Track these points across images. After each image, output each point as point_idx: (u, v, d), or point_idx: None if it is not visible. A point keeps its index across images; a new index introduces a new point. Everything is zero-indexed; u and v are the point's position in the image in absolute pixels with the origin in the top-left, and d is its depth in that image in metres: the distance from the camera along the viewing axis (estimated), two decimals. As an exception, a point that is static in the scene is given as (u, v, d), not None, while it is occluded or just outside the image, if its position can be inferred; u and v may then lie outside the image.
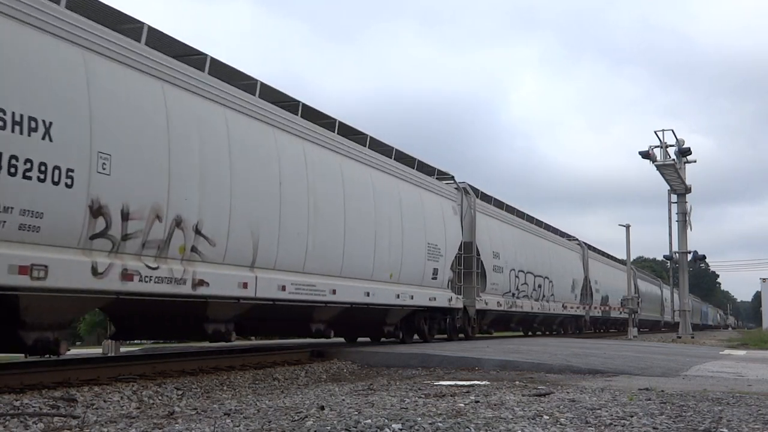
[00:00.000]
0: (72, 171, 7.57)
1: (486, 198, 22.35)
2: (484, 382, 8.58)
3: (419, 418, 5.17)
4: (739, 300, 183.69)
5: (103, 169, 7.94)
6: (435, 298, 16.70)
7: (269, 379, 9.75)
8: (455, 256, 18.24)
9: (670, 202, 33.31)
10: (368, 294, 13.57)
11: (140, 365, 9.49)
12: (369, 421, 5.01)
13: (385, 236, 14.25)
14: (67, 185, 7.52)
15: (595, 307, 34.48)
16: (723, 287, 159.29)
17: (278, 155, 11.19)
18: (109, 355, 16.28)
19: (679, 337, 30.85)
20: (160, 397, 7.56)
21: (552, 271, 27.34)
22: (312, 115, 12.78)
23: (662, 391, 7.59)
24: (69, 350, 9.98)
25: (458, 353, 12.24)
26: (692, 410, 5.97)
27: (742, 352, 18.43)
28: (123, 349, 18.83)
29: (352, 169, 13.48)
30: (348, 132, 14.02)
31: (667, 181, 32.47)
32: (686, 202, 33.08)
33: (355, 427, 4.80)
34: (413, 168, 16.61)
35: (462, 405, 6.12)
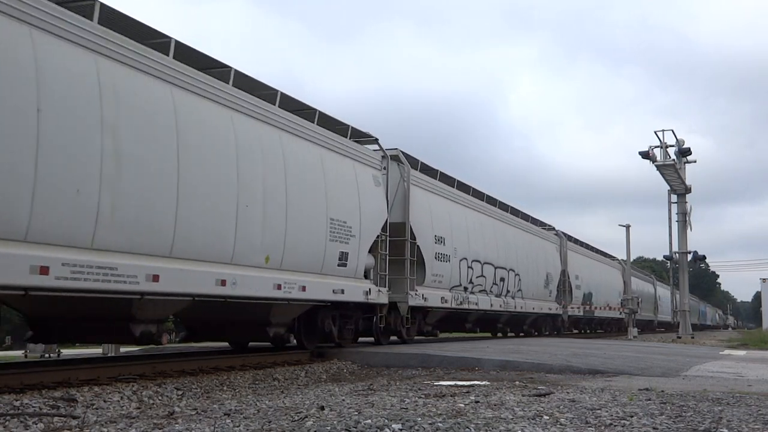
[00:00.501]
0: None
1: (428, 171, 17.65)
2: (484, 382, 8.58)
3: (419, 419, 5.18)
4: (739, 300, 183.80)
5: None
6: (343, 291, 12.79)
7: (269, 379, 9.75)
8: (377, 239, 14.21)
9: (670, 202, 33.35)
10: (224, 283, 9.73)
11: (140, 365, 9.48)
12: (369, 421, 5.01)
13: (257, 204, 10.46)
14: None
15: (575, 306, 30.61)
16: (723, 287, 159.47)
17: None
18: (109, 355, 16.26)
19: (679, 338, 30.86)
20: (160, 397, 7.57)
21: (520, 263, 23.27)
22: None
23: (662, 391, 7.59)
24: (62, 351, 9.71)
25: (458, 353, 12.25)
26: (692, 410, 5.97)
27: (742, 353, 18.43)
28: (123, 349, 18.83)
29: (199, 108, 9.68)
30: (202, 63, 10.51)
31: (667, 181, 32.48)
32: (686, 202, 33.11)
33: (355, 428, 4.80)
34: (312, 121, 12.63)
35: (462, 405, 6.12)
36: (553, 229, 29.44)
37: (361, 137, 14.54)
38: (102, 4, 8.52)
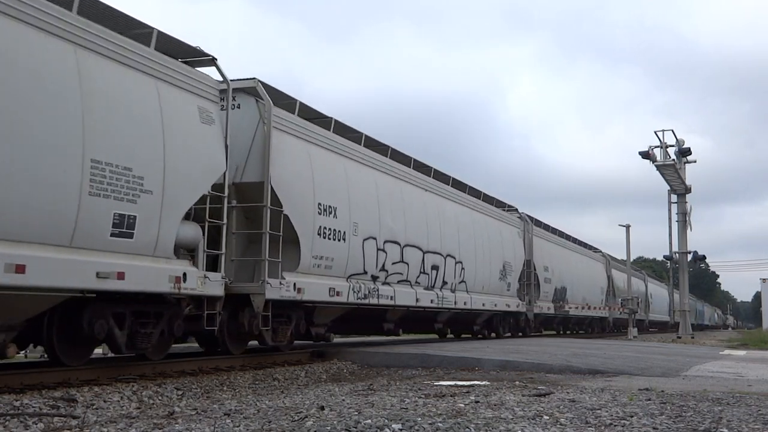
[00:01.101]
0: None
1: (314, 117, 12.99)
2: (484, 382, 8.58)
3: (419, 419, 5.18)
4: (739, 300, 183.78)
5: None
6: (123, 275, 8.41)
7: (269, 379, 9.75)
8: (206, 202, 10.19)
9: (670, 202, 33.34)
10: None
11: (140, 365, 9.47)
12: (369, 421, 5.01)
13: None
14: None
15: (545, 303, 25.83)
16: (723, 287, 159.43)
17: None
18: (109, 355, 16.22)
19: (679, 337, 30.86)
20: (160, 397, 7.57)
21: (463, 248, 18.47)
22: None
23: (662, 391, 7.59)
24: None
25: (458, 353, 12.24)
26: (692, 410, 5.97)
27: (742, 353, 18.43)
28: (123, 349, 18.79)
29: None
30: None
31: (667, 181, 32.48)
32: (686, 202, 33.10)
33: (355, 428, 4.80)
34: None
35: (462, 405, 6.12)
36: (516, 210, 24.26)
37: (184, 55, 10.18)
38: None
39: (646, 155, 30.85)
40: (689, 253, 33.31)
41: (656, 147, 31.36)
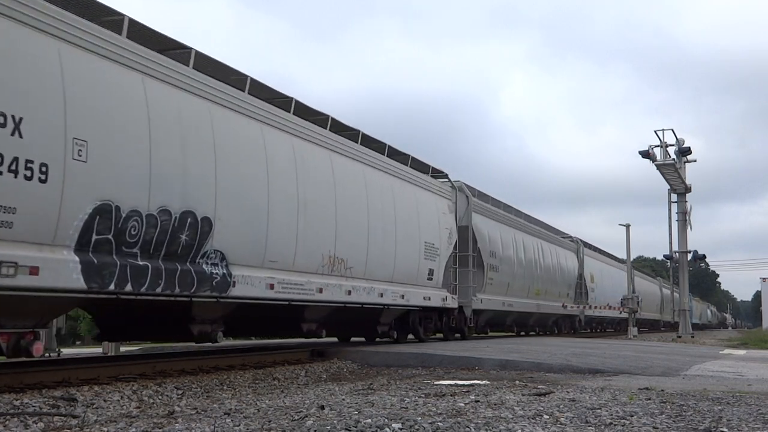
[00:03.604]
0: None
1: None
2: (484, 382, 8.59)
3: (419, 418, 5.18)
4: (739, 300, 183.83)
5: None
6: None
7: (269, 378, 9.75)
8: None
9: (670, 202, 33.36)
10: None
11: (140, 365, 9.48)
12: (369, 420, 5.01)
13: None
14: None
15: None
16: (723, 287, 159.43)
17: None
18: (109, 354, 16.26)
19: (679, 337, 30.88)
20: (160, 397, 7.56)
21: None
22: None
23: (662, 390, 7.59)
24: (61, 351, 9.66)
25: (458, 353, 12.24)
26: (692, 410, 5.97)
27: (742, 352, 18.43)
28: (123, 349, 18.82)
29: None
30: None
31: (667, 180, 32.50)
32: (686, 201, 33.10)
33: (355, 427, 4.80)
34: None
35: (462, 404, 6.12)
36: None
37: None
38: None
39: (646, 155, 30.86)
40: (689, 252, 33.33)
41: (656, 146, 31.39)
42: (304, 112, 12.57)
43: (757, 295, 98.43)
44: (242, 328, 13.98)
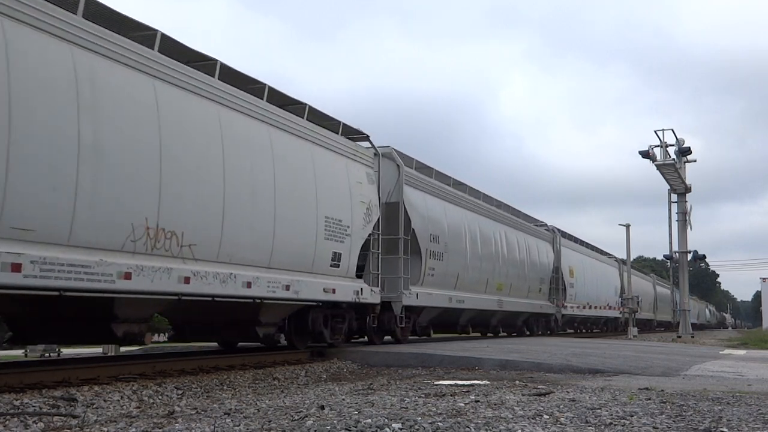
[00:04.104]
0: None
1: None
2: (484, 382, 8.59)
3: (419, 418, 5.18)
4: (739, 300, 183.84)
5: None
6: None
7: (269, 378, 9.75)
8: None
9: (670, 202, 33.34)
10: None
11: (140, 365, 9.48)
12: (369, 420, 5.01)
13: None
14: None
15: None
16: (723, 287, 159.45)
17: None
18: (109, 354, 16.26)
19: (679, 337, 30.88)
20: (160, 397, 7.57)
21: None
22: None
23: (662, 390, 7.59)
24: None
25: (458, 353, 12.25)
26: (692, 410, 5.97)
27: (742, 352, 18.43)
28: (123, 349, 18.83)
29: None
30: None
31: (667, 180, 32.49)
32: (686, 201, 33.10)
33: (355, 427, 4.80)
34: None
35: (462, 404, 6.12)
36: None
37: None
38: None
39: (646, 155, 30.85)
40: (689, 252, 33.33)
41: (656, 146, 31.38)
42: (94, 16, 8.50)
43: (757, 295, 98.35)
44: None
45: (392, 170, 15.67)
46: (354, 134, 14.24)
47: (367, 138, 14.65)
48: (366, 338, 15.57)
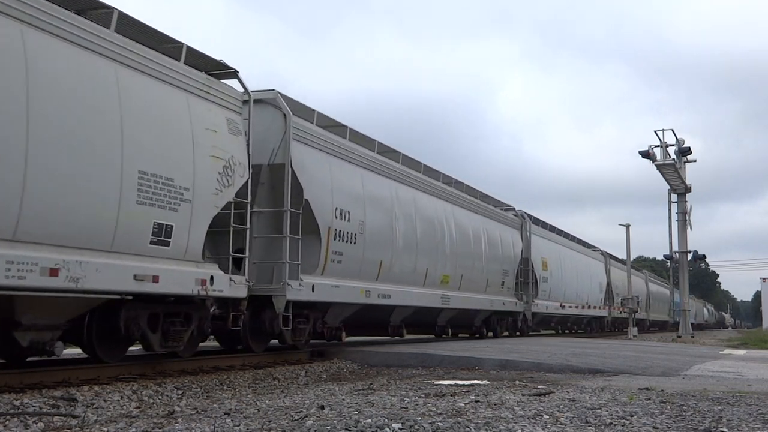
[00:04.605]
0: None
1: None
2: (484, 382, 8.59)
3: (419, 418, 5.18)
4: (739, 300, 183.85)
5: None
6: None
7: (269, 378, 9.75)
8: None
9: (670, 202, 33.35)
10: None
11: (140, 365, 9.48)
12: (369, 420, 5.01)
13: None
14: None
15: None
16: (722, 287, 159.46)
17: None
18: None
19: (679, 337, 30.89)
20: (160, 397, 7.57)
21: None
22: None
23: (662, 390, 7.60)
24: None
25: (458, 353, 12.25)
26: (692, 410, 5.97)
27: (742, 352, 18.43)
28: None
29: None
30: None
31: (667, 180, 32.50)
32: (686, 201, 33.11)
33: (355, 427, 4.80)
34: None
35: (462, 404, 6.12)
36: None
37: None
38: None
39: (646, 155, 30.86)
40: (689, 252, 33.33)
41: (656, 146, 31.39)
42: None
43: (757, 295, 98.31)
44: None
45: (278, 122, 11.71)
46: (214, 69, 10.43)
47: (234, 74, 10.73)
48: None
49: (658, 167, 31.28)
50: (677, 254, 33.17)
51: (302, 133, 12.09)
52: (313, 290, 11.87)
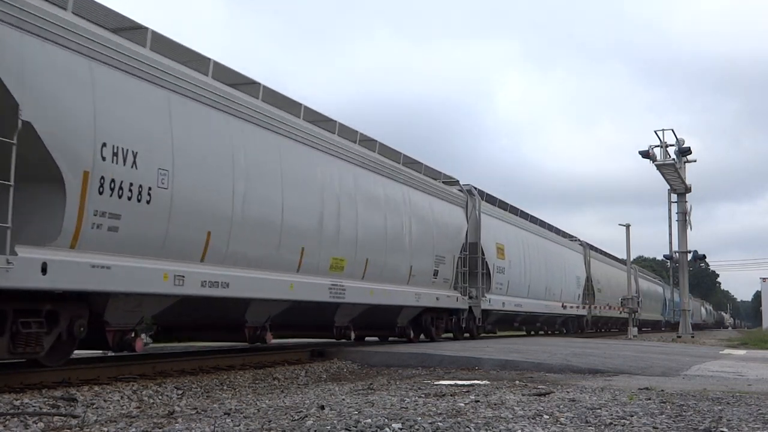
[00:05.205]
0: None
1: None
2: (484, 382, 8.59)
3: (419, 418, 5.18)
4: (739, 300, 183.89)
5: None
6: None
7: (269, 378, 9.75)
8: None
9: (670, 202, 33.34)
10: None
11: (140, 365, 9.48)
12: (369, 420, 5.01)
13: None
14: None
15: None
16: (723, 287, 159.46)
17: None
18: (109, 354, 16.21)
19: (679, 337, 30.88)
20: (160, 397, 7.56)
21: None
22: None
23: (662, 390, 7.59)
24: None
25: (458, 353, 12.24)
26: (692, 410, 5.97)
27: (742, 352, 18.43)
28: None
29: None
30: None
31: (667, 180, 32.49)
32: (686, 201, 33.10)
33: (355, 427, 4.80)
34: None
35: (462, 404, 6.12)
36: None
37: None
38: None
39: (646, 155, 30.86)
40: (689, 252, 33.33)
41: (656, 146, 31.39)
42: None
43: (757, 295, 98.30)
44: None
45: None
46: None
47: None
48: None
49: (658, 167, 31.28)
50: (677, 254, 33.16)
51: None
52: (43, 272, 7.19)
